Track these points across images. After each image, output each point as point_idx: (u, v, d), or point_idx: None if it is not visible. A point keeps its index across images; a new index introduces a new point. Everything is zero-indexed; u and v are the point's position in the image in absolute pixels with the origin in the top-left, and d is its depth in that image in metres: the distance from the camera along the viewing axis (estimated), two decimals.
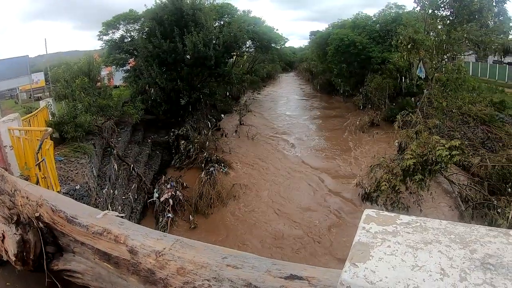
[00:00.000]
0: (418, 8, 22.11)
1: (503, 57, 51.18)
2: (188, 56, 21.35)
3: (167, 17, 21.66)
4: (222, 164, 19.68)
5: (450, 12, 21.12)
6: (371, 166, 15.42)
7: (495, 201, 13.65)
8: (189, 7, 21.94)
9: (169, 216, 15.10)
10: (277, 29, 37.91)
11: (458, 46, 19.46)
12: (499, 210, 12.93)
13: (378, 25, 30.87)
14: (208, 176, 17.56)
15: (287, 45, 66.54)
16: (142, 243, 1.88)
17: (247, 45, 34.72)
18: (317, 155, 22.64)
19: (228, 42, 22.78)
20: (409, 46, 19.30)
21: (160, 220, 15.07)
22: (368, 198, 14.25)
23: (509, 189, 14.37)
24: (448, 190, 16.23)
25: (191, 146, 20.79)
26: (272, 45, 36.98)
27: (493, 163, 15.78)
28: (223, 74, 23.56)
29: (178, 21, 21.74)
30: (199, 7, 22.62)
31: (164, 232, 13.52)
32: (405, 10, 30.37)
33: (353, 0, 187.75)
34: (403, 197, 14.17)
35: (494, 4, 23.76)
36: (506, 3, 24.77)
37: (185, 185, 17.79)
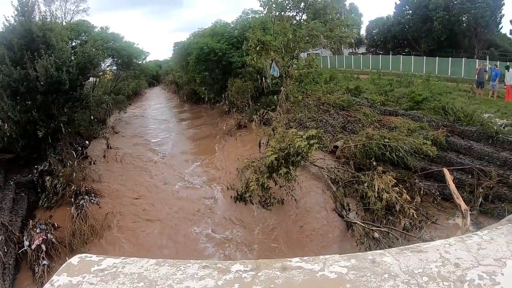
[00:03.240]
0: (266, 11, 23.33)
1: (357, 49, 57.34)
2: (41, 83, 19.68)
3: (17, 41, 19.64)
4: (92, 195, 18.58)
5: (296, 12, 22.60)
6: (237, 168, 15.80)
7: (362, 176, 14.90)
8: (39, 28, 20.25)
9: (45, 264, 13.80)
10: (137, 44, 37.18)
11: (304, 43, 20.77)
12: (366, 185, 14.03)
13: (236, 31, 31.56)
14: (79, 211, 16.52)
15: (152, 58, 64.42)
16: None
17: (108, 63, 33.43)
18: (188, 164, 22.46)
19: (82, 63, 21.49)
20: (257, 48, 20.15)
21: (37, 270, 13.81)
22: (242, 199, 14.62)
23: (374, 163, 15.78)
24: (319, 175, 17.24)
25: (57, 181, 19.28)
26: (134, 60, 35.87)
27: (355, 143, 17.24)
28: (80, 98, 22.05)
29: (28, 45, 19.77)
30: (50, 27, 20.91)
31: (42, 282, 12.52)
32: (262, 15, 31.62)
33: (217, 8, 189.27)
34: (277, 192, 14.88)
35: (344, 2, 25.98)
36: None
37: (56, 225, 16.38)
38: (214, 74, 32.09)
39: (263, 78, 25.66)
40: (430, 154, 15.37)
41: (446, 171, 6.21)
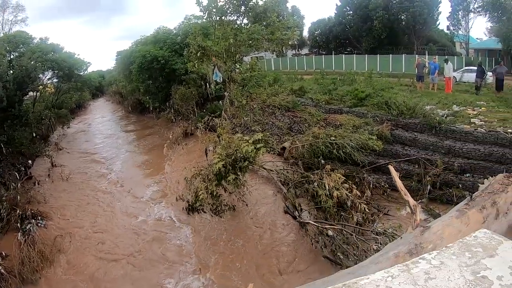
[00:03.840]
0: (206, 16, 22.91)
1: (300, 50, 58.20)
2: None
3: None
4: (39, 218, 17.45)
5: (237, 16, 22.34)
6: (185, 178, 15.35)
7: (311, 176, 14.70)
8: None
9: None
10: (78, 54, 35.66)
11: (245, 47, 20.56)
12: (316, 184, 13.83)
13: (179, 37, 30.98)
14: (26, 236, 15.39)
15: (95, 68, 62.26)
16: None
17: (48, 76, 31.72)
18: (137, 178, 21.67)
19: (20, 77, 20.24)
20: (198, 54, 19.80)
21: None
22: (193, 210, 14.15)
23: (322, 161, 15.80)
24: (270, 178, 17.04)
25: (0, 206, 18.04)
26: (75, 72, 34.27)
27: (302, 143, 17.12)
28: (19, 115, 20.72)
29: None
30: None
31: None
32: (204, 21, 31.18)
33: (161, 14, 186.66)
34: (230, 198, 14.54)
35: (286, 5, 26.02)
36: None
37: (4, 254, 15.20)
38: (158, 82, 31.26)
39: (207, 84, 25.25)
40: (376, 149, 15.60)
41: (391, 168, 6.10)
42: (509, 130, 14.87)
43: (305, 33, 58.30)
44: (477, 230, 4.07)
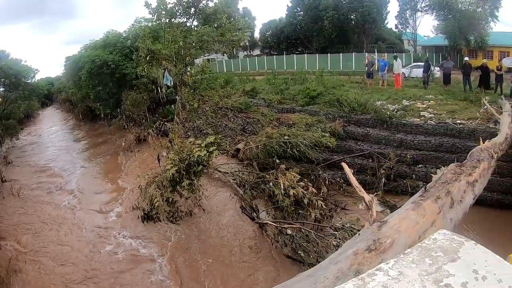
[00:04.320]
0: (155, 18, 22.50)
1: (252, 51, 58.25)
2: None
3: None
4: None
5: (187, 18, 22.03)
6: (139, 186, 14.91)
7: (267, 176, 14.57)
8: None
9: None
10: (25, 61, 34.24)
11: (195, 49, 20.30)
12: (272, 184, 13.75)
13: (129, 41, 30.25)
14: None
15: (43, 75, 59.92)
16: None
17: None
18: (92, 191, 20.72)
19: None
20: (148, 58, 19.42)
21: None
22: (149, 218, 13.74)
23: (277, 161, 15.81)
24: (226, 181, 16.87)
25: None
26: (22, 79, 32.98)
27: (256, 143, 17.01)
28: None
29: None
30: None
31: None
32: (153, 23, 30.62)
33: (111, 17, 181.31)
34: (185, 204, 14.23)
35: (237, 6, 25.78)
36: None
37: None
38: (108, 88, 30.40)
39: (158, 88, 24.78)
40: (330, 145, 15.77)
41: (344, 165, 6.07)
42: (458, 121, 15.55)
43: (257, 34, 58.13)
44: (432, 221, 4.16)
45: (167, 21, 21.43)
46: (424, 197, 4.54)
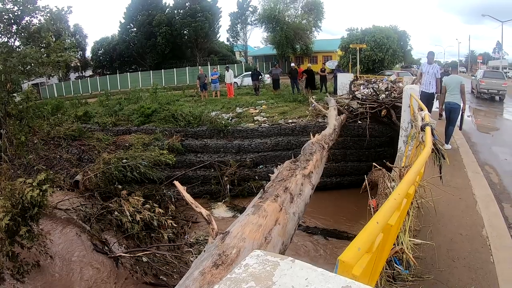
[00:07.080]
0: None
1: (84, 72, 54.91)
2: None
3: None
4: None
5: (8, 37, 19.65)
6: None
7: (111, 205, 13.92)
8: None
9: None
10: None
11: (17, 74, 18.24)
12: (117, 212, 13.27)
13: None
14: None
15: None
16: None
17: None
18: None
19: None
20: None
21: None
22: None
23: (119, 187, 15.25)
24: (70, 218, 15.71)
25: None
26: None
27: (94, 172, 16.10)
28: None
29: None
30: None
31: None
32: None
33: None
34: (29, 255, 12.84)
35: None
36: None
37: None
38: None
39: None
40: (170, 162, 15.72)
41: (177, 183, 6.09)
42: (290, 121, 17.18)
43: (88, 53, 54.76)
44: (276, 220, 4.19)
45: None
46: (263, 199, 4.65)
